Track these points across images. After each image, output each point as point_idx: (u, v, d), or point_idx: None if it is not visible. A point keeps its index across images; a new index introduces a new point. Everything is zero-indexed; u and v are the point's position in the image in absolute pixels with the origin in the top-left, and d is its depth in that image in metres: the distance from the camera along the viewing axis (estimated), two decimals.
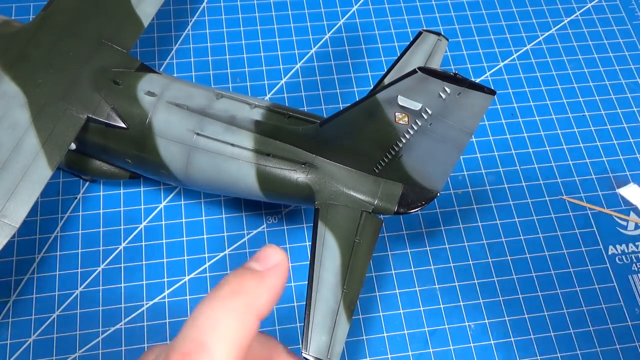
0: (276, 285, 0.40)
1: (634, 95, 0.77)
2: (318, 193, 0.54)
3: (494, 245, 0.66)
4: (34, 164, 0.54)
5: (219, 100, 0.57)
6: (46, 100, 0.57)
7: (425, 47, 0.64)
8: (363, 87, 0.75)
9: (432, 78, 0.42)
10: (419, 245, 0.66)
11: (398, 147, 0.50)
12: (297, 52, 0.78)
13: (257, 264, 0.40)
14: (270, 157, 0.55)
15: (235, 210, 0.67)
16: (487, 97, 0.43)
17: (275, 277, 0.40)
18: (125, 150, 0.59)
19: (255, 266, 0.40)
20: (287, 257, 0.42)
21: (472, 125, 0.45)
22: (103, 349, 0.59)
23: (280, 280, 0.40)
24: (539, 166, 0.71)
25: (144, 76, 0.59)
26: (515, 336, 0.62)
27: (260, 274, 0.40)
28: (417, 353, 0.61)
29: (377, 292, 0.63)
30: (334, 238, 0.52)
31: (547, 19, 0.82)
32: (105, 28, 0.63)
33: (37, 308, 0.61)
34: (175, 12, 0.80)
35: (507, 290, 0.64)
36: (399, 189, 0.54)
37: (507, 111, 0.75)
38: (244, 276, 0.39)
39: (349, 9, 0.82)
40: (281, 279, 0.40)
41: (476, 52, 0.79)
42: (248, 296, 0.38)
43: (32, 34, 0.61)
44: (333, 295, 0.50)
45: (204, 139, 0.56)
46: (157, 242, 0.65)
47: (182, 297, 0.62)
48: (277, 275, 0.40)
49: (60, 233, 0.65)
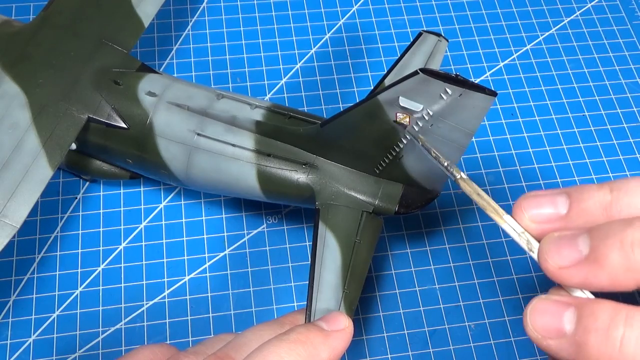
0: (337, 347, 0.44)
1: (634, 95, 0.77)
2: (319, 193, 0.54)
3: (493, 245, 0.66)
4: (35, 164, 0.54)
5: (220, 101, 0.57)
6: (47, 100, 0.57)
7: (426, 48, 0.64)
8: (363, 87, 0.75)
9: (433, 79, 0.43)
10: (419, 245, 0.66)
11: (399, 147, 0.50)
12: (297, 52, 0.78)
13: (325, 324, 0.45)
14: (271, 158, 0.55)
15: (235, 210, 0.67)
16: (489, 98, 0.43)
17: (339, 340, 0.44)
18: (126, 150, 0.59)
19: (323, 325, 0.44)
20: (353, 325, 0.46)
21: (473, 126, 0.45)
22: (103, 349, 0.59)
23: (342, 344, 0.45)
24: (539, 166, 0.71)
25: (144, 76, 0.59)
26: (515, 336, 0.62)
27: (327, 333, 0.44)
28: (417, 353, 0.61)
29: (377, 292, 0.63)
30: (335, 238, 0.53)
31: (547, 19, 0.82)
32: (105, 28, 0.63)
33: (37, 308, 0.61)
34: (175, 12, 0.80)
35: (506, 290, 0.64)
36: (400, 190, 0.54)
37: (507, 111, 0.75)
38: (311, 331, 0.43)
39: (349, 9, 0.82)
40: (344, 342, 0.45)
41: (476, 52, 0.79)
42: (312, 349, 0.42)
43: (33, 34, 0.61)
44: (334, 296, 0.50)
45: (204, 139, 0.56)
46: (157, 242, 0.65)
47: (182, 297, 0.62)
48: (341, 338, 0.45)
49: (60, 233, 0.65)
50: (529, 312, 0.37)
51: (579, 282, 0.37)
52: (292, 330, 0.43)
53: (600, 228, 0.37)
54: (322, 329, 0.44)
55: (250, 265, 0.64)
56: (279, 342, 0.41)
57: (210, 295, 0.62)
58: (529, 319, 0.37)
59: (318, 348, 0.42)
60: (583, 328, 0.35)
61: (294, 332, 0.42)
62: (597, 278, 0.36)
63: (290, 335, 0.42)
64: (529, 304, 0.38)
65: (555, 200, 0.39)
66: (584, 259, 0.36)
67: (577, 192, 0.39)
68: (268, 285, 0.63)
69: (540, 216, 0.39)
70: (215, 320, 0.61)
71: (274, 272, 0.64)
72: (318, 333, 0.43)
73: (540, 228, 0.39)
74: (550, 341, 0.36)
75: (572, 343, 0.35)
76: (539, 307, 0.37)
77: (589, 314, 0.35)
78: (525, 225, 0.40)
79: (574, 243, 0.37)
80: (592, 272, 0.36)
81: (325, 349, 0.42)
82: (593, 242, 0.36)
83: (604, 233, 0.36)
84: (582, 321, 0.35)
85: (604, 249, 0.35)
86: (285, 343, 0.41)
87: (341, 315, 0.46)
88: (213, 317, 0.61)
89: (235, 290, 0.63)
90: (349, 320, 0.46)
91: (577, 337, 0.35)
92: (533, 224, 0.40)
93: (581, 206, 0.38)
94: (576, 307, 0.36)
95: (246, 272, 0.64)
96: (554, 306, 0.37)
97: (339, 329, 0.45)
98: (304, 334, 0.42)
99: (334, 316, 0.46)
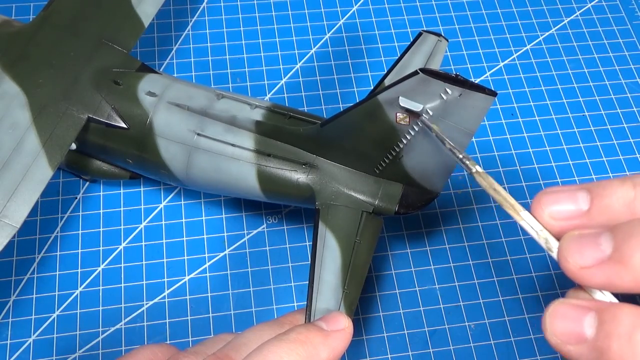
0: (337, 347, 0.44)
1: (634, 95, 0.77)
2: (319, 193, 0.54)
3: (494, 245, 0.66)
4: (35, 164, 0.54)
5: (220, 101, 0.57)
6: (47, 100, 0.57)
7: (426, 48, 0.63)
8: (363, 87, 0.75)
9: (433, 79, 0.43)
10: (419, 245, 0.66)
11: (399, 148, 0.50)
12: (297, 52, 0.78)
13: (325, 324, 0.45)
14: (271, 158, 0.55)
15: (235, 210, 0.67)
16: (489, 98, 0.43)
17: (339, 340, 0.44)
18: (126, 150, 0.59)
19: (323, 325, 0.45)
20: (352, 325, 0.46)
21: (473, 126, 0.45)
22: (103, 349, 0.59)
23: (342, 344, 0.45)
24: (539, 166, 0.71)
25: (144, 76, 0.59)
26: (515, 336, 0.62)
27: (326, 333, 0.44)
28: (417, 353, 0.61)
29: (377, 292, 0.63)
30: (335, 238, 0.53)
31: (547, 19, 0.82)
32: (105, 28, 0.63)
33: (37, 308, 0.61)
34: (175, 12, 0.80)
35: (507, 290, 0.64)
36: (399, 190, 0.54)
37: (507, 111, 0.75)
38: (310, 331, 0.44)
39: (349, 9, 0.82)
40: (343, 343, 0.45)
41: (476, 52, 0.79)
42: (311, 348, 0.42)
43: (33, 34, 0.61)
44: (334, 296, 0.50)
45: (204, 139, 0.56)
46: (157, 242, 0.65)
47: (182, 297, 0.62)
48: (340, 339, 0.45)
49: (60, 233, 0.65)
50: (548, 317, 0.36)
51: (601, 282, 0.35)
52: (291, 330, 0.43)
53: (624, 226, 0.35)
54: (322, 329, 0.44)
55: (250, 265, 0.64)
56: (279, 342, 0.41)
57: (210, 295, 0.62)
58: (548, 324, 0.36)
59: (318, 348, 0.42)
60: (605, 333, 0.33)
61: (294, 332, 0.42)
62: (621, 279, 0.34)
63: (290, 335, 0.42)
64: (548, 307, 0.36)
65: (575, 197, 0.37)
66: (607, 259, 0.35)
67: (598, 187, 0.37)
68: (268, 285, 0.63)
69: (560, 213, 0.38)
70: (215, 320, 0.61)
71: (274, 272, 0.64)
72: (318, 333, 0.43)
73: (560, 226, 0.38)
74: (571, 347, 0.35)
75: (594, 349, 0.34)
76: (558, 311, 0.36)
77: (611, 319, 0.34)
78: (545, 222, 0.38)
79: (596, 242, 0.35)
80: (616, 273, 0.34)
81: (325, 349, 0.42)
82: (616, 241, 0.35)
83: (628, 231, 0.34)
84: (603, 326, 0.34)
85: (629, 248, 0.34)
86: (285, 343, 0.41)
87: (341, 316, 0.46)
88: (213, 317, 0.61)
89: (235, 290, 0.63)
90: (348, 321, 0.46)
91: (599, 343, 0.34)
92: (553, 221, 0.38)
93: (603, 203, 0.37)
94: (597, 312, 0.35)
95: (246, 272, 0.64)
96: (574, 311, 0.35)
97: (338, 329, 0.45)
98: (303, 334, 0.42)
99: (333, 316, 0.46)
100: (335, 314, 0.46)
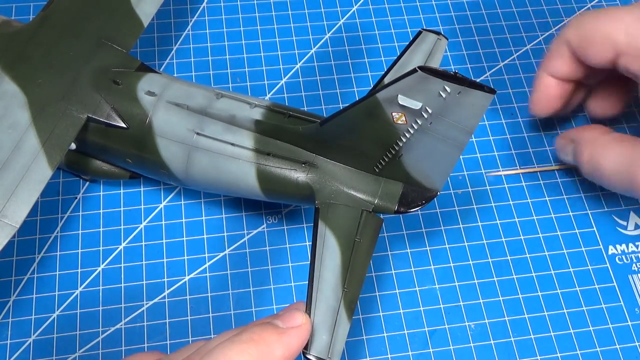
0: (293, 344, 0.44)
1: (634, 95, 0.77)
2: (318, 192, 0.54)
3: (494, 245, 0.66)
4: (34, 164, 0.54)
5: (219, 100, 0.57)
6: (46, 100, 0.57)
7: (425, 47, 0.63)
8: (363, 87, 0.75)
9: (432, 77, 0.42)
10: (419, 245, 0.66)
11: (398, 146, 0.50)
12: (297, 52, 0.78)
13: (280, 322, 0.44)
14: (271, 157, 0.55)
15: (235, 210, 0.67)
16: (488, 96, 0.43)
17: (294, 337, 0.44)
18: (126, 150, 0.59)
19: (278, 323, 0.44)
20: (310, 321, 0.46)
21: (472, 124, 0.45)
22: (103, 349, 0.59)
23: (298, 341, 0.45)
24: (538, 166, 0.71)
25: (144, 76, 0.59)
26: (515, 336, 0.62)
27: (281, 330, 0.43)
28: (417, 353, 0.61)
29: (377, 292, 0.63)
30: (335, 237, 0.52)
31: (547, 19, 0.82)
32: (105, 28, 0.63)
33: (37, 308, 0.61)
34: (175, 12, 0.80)
35: (507, 290, 0.64)
36: (399, 188, 0.54)
37: (507, 111, 0.75)
38: (265, 330, 0.43)
39: (349, 9, 0.82)
40: (300, 339, 0.44)
41: (476, 52, 0.79)
42: (264, 347, 0.42)
43: (32, 34, 0.61)
44: (334, 294, 0.50)
45: (204, 138, 0.56)
46: (157, 242, 0.65)
47: (182, 297, 0.62)
48: (297, 335, 0.44)
49: (60, 233, 0.65)
50: None
51: None
52: (245, 330, 0.42)
53: None
54: (277, 327, 0.43)
55: (250, 265, 0.64)
56: (231, 344, 0.41)
57: (210, 295, 0.62)
58: None
59: (272, 346, 0.42)
60: None
61: (247, 332, 0.42)
62: None
63: (243, 335, 0.42)
64: None
65: None
66: None
67: None
68: (268, 285, 0.63)
69: None
70: (215, 320, 0.61)
71: (274, 272, 0.64)
72: (272, 331, 0.43)
73: None
74: None
75: None
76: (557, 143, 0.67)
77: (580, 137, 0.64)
78: None
79: None
80: None
81: (280, 347, 0.42)
82: None
83: None
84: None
85: None
86: (237, 344, 0.41)
87: (297, 312, 0.45)
88: (213, 317, 0.61)
89: (235, 290, 0.63)
90: (305, 317, 0.45)
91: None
92: None
93: None
94: None
95: (246, 272, 0.64)
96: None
97: (294, 325, 0.44)
98: (257, 333, 0.42)
99: (290, 313, 0.45)
100: (292, 311, 0.46)
